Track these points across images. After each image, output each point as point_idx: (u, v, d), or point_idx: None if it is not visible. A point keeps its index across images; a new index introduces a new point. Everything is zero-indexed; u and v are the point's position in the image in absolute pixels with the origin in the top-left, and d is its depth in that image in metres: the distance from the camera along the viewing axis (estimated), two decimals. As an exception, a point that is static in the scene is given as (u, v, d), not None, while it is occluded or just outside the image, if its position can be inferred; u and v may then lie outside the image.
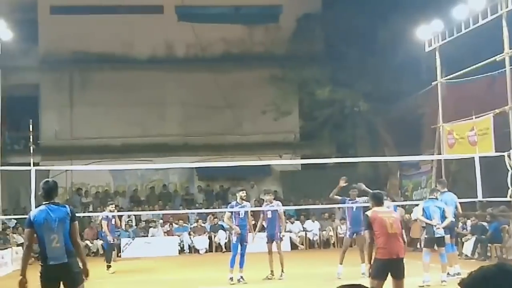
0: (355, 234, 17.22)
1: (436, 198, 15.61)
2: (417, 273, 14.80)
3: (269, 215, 17.35)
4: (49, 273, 8.75)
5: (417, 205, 25.68)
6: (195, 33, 32.59)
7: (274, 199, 18.23)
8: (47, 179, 9.45)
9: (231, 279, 16.33)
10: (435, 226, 15.07)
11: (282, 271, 16.94)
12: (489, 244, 21.02)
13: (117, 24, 32.64)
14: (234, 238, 16.79)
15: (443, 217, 15.30)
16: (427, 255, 15.20)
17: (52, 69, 31.92)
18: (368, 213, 10.33)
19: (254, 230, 17.53)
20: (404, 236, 10.61)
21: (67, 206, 9.16)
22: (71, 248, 8.82)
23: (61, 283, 8.85)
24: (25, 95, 31.90)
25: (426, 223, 15.56)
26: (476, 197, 18.32)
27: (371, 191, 16.53)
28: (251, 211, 18.45)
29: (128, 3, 32.93)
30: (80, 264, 9.00)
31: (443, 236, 15.45)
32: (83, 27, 32.04)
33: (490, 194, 19.38)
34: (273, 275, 16.99)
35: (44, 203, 8.97)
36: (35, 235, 8.86)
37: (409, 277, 10.57)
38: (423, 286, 14.80)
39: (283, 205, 27.76)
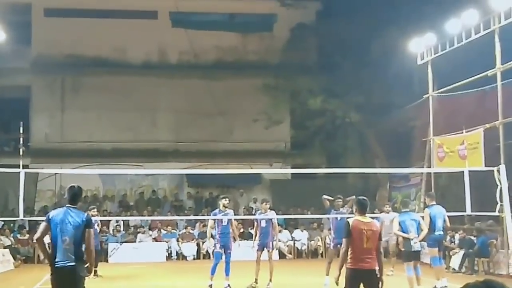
0: (339, 245, 17.23)
1: (411, 211, 15.81)
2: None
3: (263, 224, 17.22)
4: (56, 275, 9.26)
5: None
6: (189, 40, 32.59)
7: (269, 208, 18.04)
8: (72, 185, 9.83)
9: (210, 286, 16.32)
10: (412, 239, 15.10)
11: (270, 280, 16.86)
12: (476, 258, 21.01)
13: (111, 28, 32.61)
14: (217, 246, 16.76)
15: (419, 230, 15.33)
16: (409, 269, 15.21)
17: (44, 71, 31.84)
18: (350, 220, 10.17)
19: (245, 238, 17.48)
20: (381, 248, 10.43)
21: (85, 213, 9.60)
22: (81, 253, 9.28)
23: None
24: (16, 97, 31.83)
25: (403, 237, 15.57)
26: (465, 211, 18.31)
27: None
28: (240, 219, 18.37)
29: (123, 8, 32.88)
30: (86, 271, 9.46)
31: (420, 250, 15.53)
32: (77, 31, 31.98)
33: (478, 208, 19.39)
34: (257, 283, 16.92)
35: (66, 205, 9.49)
36: (49, 231, 9.37)
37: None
38: None
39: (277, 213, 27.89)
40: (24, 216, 19.93)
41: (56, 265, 9.22)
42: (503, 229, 19.58)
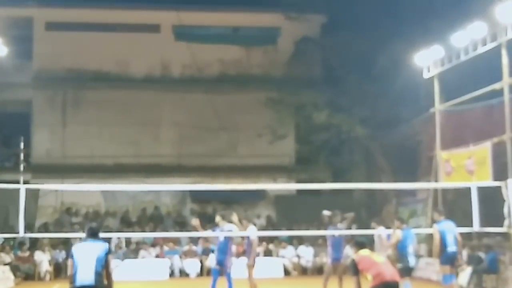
0: (335, 261, 16.99)
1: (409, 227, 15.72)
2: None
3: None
4: None
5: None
6: (192, 53, 32.36)
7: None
8: (91, 225, 10.80)
9: None
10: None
11: None
12: (484, 275, 20.66)
13: (113, 42, 32.48)
14: (213, 263, 16.45)
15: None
16: (406, 285, 14.99)
17: (45, 86, 31.68)
18: (354, 256, 10.39)
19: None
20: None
21: (107, 243, 10.40)
22: (101, 275, 9.87)
23: None
24: (17, 112, 31.67)
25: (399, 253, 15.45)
26: (472, 227, 17.96)
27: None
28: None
29: (125, 21, 32.79)
30: None
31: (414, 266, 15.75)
32: (78, 45, 31.85)
33: (486, 224, 19.02)
34: None
35: (88, 239, 10.41)
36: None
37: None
38: None
39: (276, 230, 27.59)
40: (24, 233, 19.61)
41: (76, 285, 9.77)
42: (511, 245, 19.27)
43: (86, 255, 10.00)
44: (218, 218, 16.70)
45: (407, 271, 15.30)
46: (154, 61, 33.03)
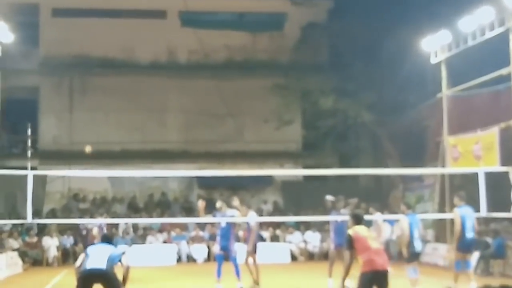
0: (339, 247, 17.04)
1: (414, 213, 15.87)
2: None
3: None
4: (85, 279, 10.37)
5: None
6: (198, 39, 32.29)
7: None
8: (105, 234, 12.69)
9: None
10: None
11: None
12: (491, 260, 20.70)
13: (119, 28, 32.46)
14: (217, 248, 16.51)
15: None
16: (412, 271, 15.11)
17: (52, 72, 31.69)
18: (350, 231, 10.38)
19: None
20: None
21: (122, 243, 11.50)
22: (112, 267, 10.53)
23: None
24: (25, 98, 31.69)
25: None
26: (479, 212, 17.98)
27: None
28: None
29: (131, 7, 32.74)
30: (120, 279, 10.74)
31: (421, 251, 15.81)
32: (85, 31, 31.85)
33: (494, 209, 19.03)
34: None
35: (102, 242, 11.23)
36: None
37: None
38: None
39: (283, 215, 27.65)
40: (32, 219, 19.71)
41: (86, 268, 10.39)
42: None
43: (99, 251, 10.62)
44: (219, 204, 16.72)
45: (414, 256, 15.32)
46: (161, 47, 33.03)
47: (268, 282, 16.87)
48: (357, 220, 10.57)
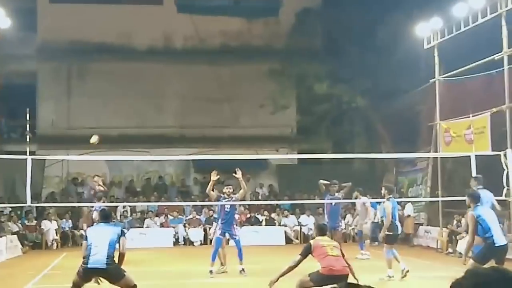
0: (332, 229, 17.36)
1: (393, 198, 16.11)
2: (416, 269, 14.91)
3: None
4: (86, 273, 10.76)
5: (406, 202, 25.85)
6: (194, 25, 32.49)
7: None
8: (103, 208, 12.70)
9: (211, 272, 16.42)
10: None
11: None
12: (483, 243, 21.00)
13: (116, 14, 32.51)
14: (218, 232, 16.82)
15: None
16: (389, 252, 15.36)
17: (50, 58, 31.78)
18: (311, 242, 11.11)
19: (251, 224, 17.48)
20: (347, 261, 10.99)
21: (119, 225, 11.65)
22: (112, 257, 10.73)
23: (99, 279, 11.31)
24: (23, 83, 31.71)
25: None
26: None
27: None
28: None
29: (128, -6, 32.82)
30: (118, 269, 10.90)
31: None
32: (82, 17, 31.88)
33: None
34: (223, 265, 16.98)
35: (101, 222, 11.54)
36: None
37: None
38: (387, 279, 15.10)
39: (278, 199, 28.02)
40: (31, 203, 20.03)
41: (88, 267, 10.66)
42: (510, 213, 19.59)
43: (100, 238, 10.76)
44: (227, 190, 17.04)
45: (394, 239, 15.63)
46: (157, 33, 33.11)
47: (264, 264, 17.20)
48: (321, 231, 11.28)
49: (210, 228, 26.71)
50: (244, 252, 16.78)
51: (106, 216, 11.61)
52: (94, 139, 18.09)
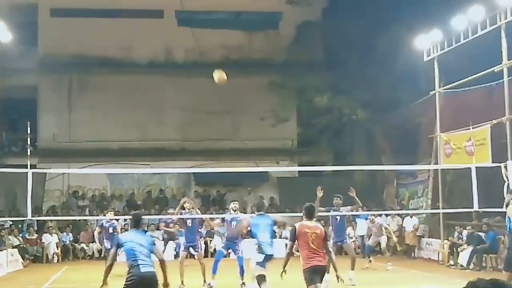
0: (339, 243, 17.39)
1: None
2: (417, 281, 14.81)
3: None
4: (140, 278, 10.07)
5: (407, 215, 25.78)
6: (195, 38, 32.49)
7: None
8: (136, 212, 11.85)
9: (209, 285, 16.62)
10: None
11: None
12: (484, 255, 20.98)
13: (117, 28, 32.59)
14: (220, 245, 16.88)
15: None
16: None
17: (51, 71, 31.82)
18: (297, 225, 10.70)
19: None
20: (330, 248, 11.00)
21: (150, 235, 11.03)
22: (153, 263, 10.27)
23: None
24: (24, 97, 31.82)
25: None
26: (472, 207, 18.31)
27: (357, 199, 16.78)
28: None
29: (129, 7, 32.83)
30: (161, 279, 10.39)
31: None
32: (83, 30, 32.00)
33: (486, 204, 19.35)
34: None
35: (132, 229, 10.80)
36: (117, 255, 10.71)
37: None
38: None
39: (279, 212, 27.96)
40: (32, 216, 20.04)
41: (141, 271, 10.06)
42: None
43: (139, 244, 10.21)
44: (234, 206, 17.10)
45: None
46: (158, 46, 33.19)
47: (267, 276, 17.13)
48: (309, 214, 10.87)
49: (211, 241, 26.71)
50: (245, 265, 16.75)
51: (137, 222, 10.80)
52: (217, 75, 17.63)
